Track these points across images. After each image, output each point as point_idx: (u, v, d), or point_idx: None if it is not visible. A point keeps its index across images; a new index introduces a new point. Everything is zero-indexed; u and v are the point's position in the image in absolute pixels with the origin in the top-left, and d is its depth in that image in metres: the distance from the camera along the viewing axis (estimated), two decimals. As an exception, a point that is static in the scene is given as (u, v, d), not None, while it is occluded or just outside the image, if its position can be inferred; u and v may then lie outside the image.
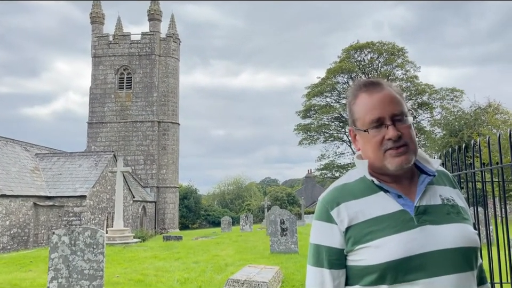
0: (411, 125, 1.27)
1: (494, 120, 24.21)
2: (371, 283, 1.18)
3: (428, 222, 1.20)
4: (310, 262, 1.30)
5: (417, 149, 1.27)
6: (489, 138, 3.72)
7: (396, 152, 1.22)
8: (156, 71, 38.10)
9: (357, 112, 1.30)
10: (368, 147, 1.28)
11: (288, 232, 12.14)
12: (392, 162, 1.23)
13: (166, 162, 37.45)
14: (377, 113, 1.25)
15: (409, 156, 1.23)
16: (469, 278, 1.18)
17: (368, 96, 1.28)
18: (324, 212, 1.27)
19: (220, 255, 12.17)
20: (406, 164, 1.23)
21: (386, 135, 1.23)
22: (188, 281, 7.97)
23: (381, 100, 1.26)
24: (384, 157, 1.24)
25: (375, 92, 1.28)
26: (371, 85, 1.30)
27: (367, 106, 1.27)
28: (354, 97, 1.32)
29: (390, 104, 1.26)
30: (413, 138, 1.26)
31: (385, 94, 1.27)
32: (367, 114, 1.26)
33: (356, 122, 1.31)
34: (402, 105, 1.28)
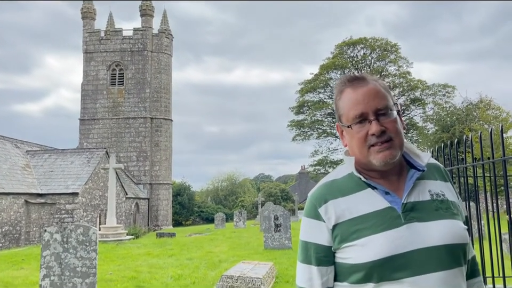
0: (396, 119, 1.25)
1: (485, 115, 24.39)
2: (358, 281, 1.18)
3: (415, 219, 1.19)
4: (299, 259, 1.30)
5: (403, 143, 1.26)
6: (481, 134, 3.73)
7: (380, 147, 1.21)
8: (148, 67, 37.88)
9: (342, 108, 1.29)
10: (353, 143, 1.26)
11: (282, 228, 12.16)
12: (376, 158, 1.21)
13: (159, 159, 37.33)
14: (360, 108, 1.24)
15: (393, 151, 1.21)
16: (457, 275, 1.17)
17: (352, 91, 1.27)
18: (312, 209, 1.27)
19: (214, 251, 12.17)
20: (390, 159, 1.21)
21: (370, 130, 1.22)
22: (182, 277, 7.96)
23: (365, 95, 1.25)
24: (369, 152, 1.22)
25: (359, 87, 1.27)
26: (355, 79, 1.29)
27: (351, 101, 1.26)
28: (339, 92, 1.31)
29: (374, 98, 1.24)
30: (398, 132, 1.24)
31: (369, 88, 1.26)
32: (351, 110, 1.25)
33: (341, 118, 1.31)
34: (387, 99, 1.26)
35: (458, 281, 1.18)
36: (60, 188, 24.21)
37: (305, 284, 1.26)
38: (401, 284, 1.14)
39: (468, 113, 25.97)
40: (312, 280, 1.25)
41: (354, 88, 1.28)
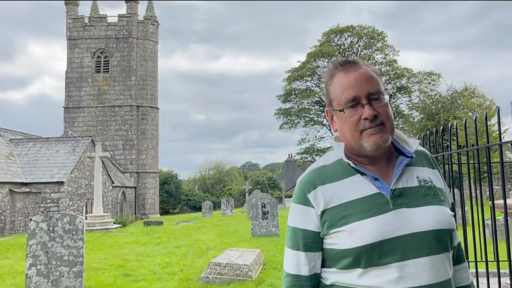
0: (388, 104, 1.25)
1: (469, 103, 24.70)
2: (346, 266, 1.19)
3: (404, 205, 1.19)
4: (287, 244, 1.30)
5: (394, 128, 1.26)
6: (466, 121, 3.78)
7: (372, 130, 1.21)
8: (133, 54, 37.35)
9: (333, 92, 1.28)
10: (345, 127, 1.26)
11: (269, 215, 12.23)
12: (368, 142, 1.21)
13: (145, 147, 37.06)
14: (353, 92, 1.22)
15: (385, 135, 1.22)
16: (443, 260, 1.19)
17: (344, 75, 1.26)
18: (301, 195, 1.26)
19: (201, 239, 12.20)
20: (382, 143, 1.21)
21: (363, 114, 1.21)
22: (169, 265, 7.97)
23: (357, 79, 1.23)
24: (361, 136, 1.22)
25: (351, 71, 1.25)
26: (347, 64, 1.28)
27: (342, 85, 1.25)
28: (330, 77, 1.30)
29: (366, 83, 1.23)
30: (389, 117, 1.24)
31: (361, 72, 1.25)
32: (343, 94, 1.24)
33: (332, 103, 1.29)
34: (379, 84, 1.25)
35: (444, 266, 1.19)
36: (45, 176, 23.91)
37: (293, 269, 1.26)
38: (389, 269, 1.15)
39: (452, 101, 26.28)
40: (300, 266, 1.25)
41: (346, 72, 1.26)
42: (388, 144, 1.25)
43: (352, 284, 1.18)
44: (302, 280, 1.25)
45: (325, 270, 1.26)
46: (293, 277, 1.26)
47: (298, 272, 1.25)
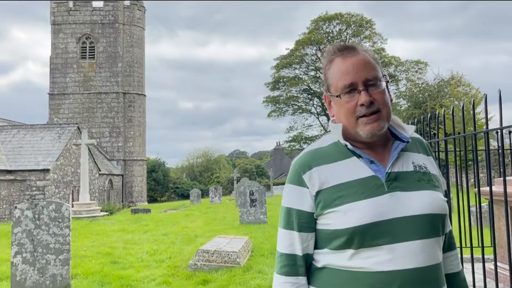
0: (385, 90, 1.25)
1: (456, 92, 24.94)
2: (339, 247, 1.19)
3: (398, 188, 1.20)
4: (280, 225, 1.30)
5: (390, 115, 1.26)
6: (453, 109, 3.80)
7: (368, 119, 1.21)
8: (120, 40, 36.77)
9: (331, 78, 1.28)
10: (341, 113, 1.26)
11: (257, 203, 12.28)
12: (364, 130, 1.22)
13: (132, 135, 36.74)
14: (350, 78, 1.22)
15: (381, 123, 1.22)
16: (434, 244, 1.20)
17: (342, 61, 1.25)
18: (296, 176, 1.27)
19: (190, 226, 12.21)
20: (378, 131, 1.22)
21: (359, 100, 1.21)
22: (157, 252, 7.97)
23: (354, 65, 1.23)
24: (357, 124, 1.22)
25: (349, 57, 1.25)
26: (345, 49, 1.27)
27: (340, 71, 1.25)
28: (328, 62, 1.29)
29: (364, 69, 1.23)
30: (386, 104, 1.24)
31: (359, 58, 1.25)
32: (340, 80, 1.24)
33: (329, 88, 1.29)
34: (376, 70, 1.25)
35: (435, 250, 1.21)
36: (30, 164, 23.59)
37: (286, 249, 1.27)
38: (380, 250, 1.16)
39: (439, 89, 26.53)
40: (294, 246, 1.26)
41: (344, 57, 1.26)
42: (384, 131, 1.25)
43: (344, 266, 1.19)
44: (296, 259, 1.26)
45: (317, 251, 1.26)
46: (286, 256, 1.26)
47: (292, 251, 1.26)
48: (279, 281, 1.27)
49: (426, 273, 1.17)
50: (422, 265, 1.16)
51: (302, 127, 41.47)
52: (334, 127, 1.29)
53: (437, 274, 1.20)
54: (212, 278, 5.83)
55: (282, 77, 40.71)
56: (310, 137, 39.94)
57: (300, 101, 41.53)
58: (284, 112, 41.79)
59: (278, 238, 1.32)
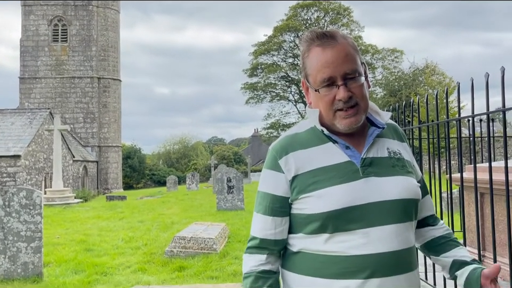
0: (363, 84, 1.24)
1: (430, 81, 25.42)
2: (313, 231, 1.20)
3: (373, 173, 1.22)
4: (255, 209, 1.31)
5: (368, 107, 1.27)
6: (427, 96, 3.86)
7: (346, 113, 1.21)
8: (94, 23, 35.75)
9: (309, 68, 1.26)
10: (319, 105, 1.26)
11: (235, 189, 12.29)
12: (341, 123, 1.22)
13: (107, 121, 36.05)
14: (329, 72, 1.21)
15: (359, 116, 1.23)
16: (407, 228, 1.22)
17: (321, 52, 1.23)
18: (273, 161, 1.27)
19: (166, 213, 12.14)
20: (355, 125, 1.23)
21: (337, 95, 1.21)
22: (133, 239, 7.90)
23: (334, 57, 1.21)
24: (334, 117, 1.23)
25: (329, 47, 1.22)
26: (325, 37, 1.24)
27: (319, 63, 1.23)
28: (307, 49, 1.27)
29: (343, 62, 1.21)
30: (364, 97, 1.24)
31: (338, 50, 1.22)
32: (319, 72, 1.22)
33: (308, 77, 1.28)
34: (356, 63, 1.24)
35: (408, 234, 1.23)
36: (0, 150, 22.89)
37: (259, 233, 1.28)
38: (354, 235, 1.17)
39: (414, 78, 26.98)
40: (266, 230, 1.26)
41: (324, 48, 1.23)
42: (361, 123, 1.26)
43: (319, 250, 1.20)
44: (269, 243, 1.26)
45: (292, 236, 1.27)
46: (259, 240, 1.28)
47: (265, 236, 1.27)
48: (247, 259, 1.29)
49: (400, 256, 1.19)
50: (396, 249, 1.18)
51: (279, 114, 41.60)
52: (311, 112, 1.29)
53: (410, 257, 1.22)
54: (188, 265, 5.82)
55: (260, 63, 40.55)
56: (288, 124, 40.09)
57: (278, 88, 41.55)
58: (261, 99, 41.76)
59: (252, 222, 1.32)
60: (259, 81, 41.22)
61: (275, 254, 1.28)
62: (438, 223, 1.40)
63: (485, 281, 1.20)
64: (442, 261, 1.33)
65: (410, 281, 1.21)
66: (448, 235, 1.36)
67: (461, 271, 1.26)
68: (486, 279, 1.20)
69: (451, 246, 1.33)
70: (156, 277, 5.40)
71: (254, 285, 1.24)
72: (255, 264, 1.26)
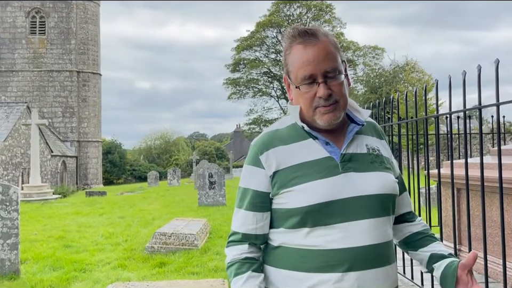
0: (343, 82, 1.27)
1: (410, 78, 25.79)
2: (294, 225, 1.22)
3: (352, 169, 1.24)
4: (237, 205, 1.33)
5: (347, 104, 1.29)
6: (406, 94, 3.92)
7: (325, 109, 1.24)
8: (73, 15, 35.03)
9: (291, 65, 1.28)
10: (300, 101, 1.28)
11: (216, 185, 12.27)
12: (321, 119, 1.25)
13: (87, 115, 35.45)
14: (309, 69, 1.23)
15: (338, 113, 1.25)
16: (385, 222, 1.25)
17: (302, 49, 1.25)
18: (254, 157, 1.29)
19: (147, 209, 12.04)
20: (334, 121, 1.25)
21: (318, 93, 1.23)
22: (113, 235, 7.82)
23: (315, 55, 1.23)
24: (314, 113, 1.25)
25: (310, 45, 1.24)
26: (307, 35, 1.26)
27: (300, 60, 1.25)
28: (289, 46, 1.29)
29: (324, 60, 1.23)
30: (343, 95, 1.26)
31: (319, 48, 1.24)
32: (300, 70, 1.24)
33: (289, 74, 1.30)
34: (336, 61, 1.26)
35: (386, 228, 1.26)
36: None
37: (240, 228, 1.29)
38: (333, 229, 1.20)
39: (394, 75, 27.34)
40: (247, 225, 1.28)
41: (305, 45, 1.25)
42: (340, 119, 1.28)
43: (299, 244, 1.22)
44: (250, 238, 1.29)
45: (273, 230, 1.29)
46: (240, 234, 1.30)
47: (246, 231, 1.29)
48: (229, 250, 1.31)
49: (377, 250, 1.22)
50: (373, 242, 1.21)
51: (262, 110, 41.63)
52: (292, 108, 1.31)
53: (387, 251, 1.25)
54: (169, 260, 5.79)
55: (242, 59, 40.44)
56: (270, 120, 40.17)
57: (260, 83, 41.55)
58: (244, 94, 41.70)
59: (233, 217, 1.34)
60: (241, 76, 41.14)
61: (257, 246, 1.30)
62: (415, 219, 1.42)
63: (461, 273, 1.23)
64: (420, 256, 1.36)
65: (388, 274, 1.24)
66: (425, 231, 1.40)
67: (438, 263, 1.29)
68: (463, 270, 1.23)
69: (428, 241, 1.36)
70: (136, 273, 5.36)
71: (238, 270, 1.26)
72: (237, 253, 1.29)
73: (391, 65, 28.69)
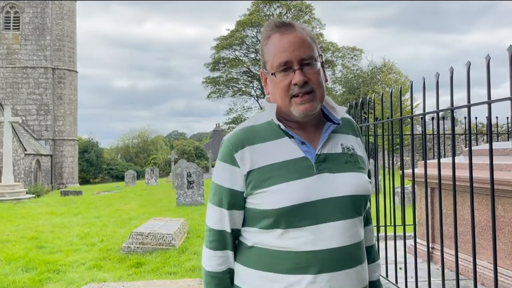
0: (320, 70, 1.26)
1: (387, 79, 26.20)
2: (267, 226, 1.21)
3: (326, 170, 1.23)
4: (211, 200, 1.32)
5: (323, 96, 1.27)
6: (382, 94, 3.98)
7: (302, 99, 1.22)
8: (48, 11, 34.25)
9: (267, 54, 1.26)
10: (276, 91, 1.26)
11: (195, 184, 12.20)
12: (297, 109, 1.22)
13: (62, 113, 34.72)
14: (285, 56, 1.21)
15: (314, 103, 1.23)
16: (356, 223, 1.25)
17: (279, 38, 1.24)
18: (228, 154, 1.26)
19: (124, 209, 11.88)
20: (310, 111, 1.23)
21: (293, 79, 1.21)
22: (88, 236, 7.68)
23: (291, 43, 1.22)
24: (290, 103, 1.23)
25: (286, 34, 1.24)
26: (283, 26, 1.26)
27: (276, 48, 1.24)
28: (266, 38, 1.28)
29: (300, 47, 1.22)
30: (320, 84, 1.25)
31: (295, 36, 1.24)
32: (276, 57, 1.23)
33: (266, 65, 1.28)
34: (313, 49, 1.25)
35: (357, 229, 1.26)
36: None
37: (216, 225, 1.29)
38: (306, 231, 1.19)
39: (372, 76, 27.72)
40: (223, 222, 1.28)
41: (281, 34, 1.24)
42: (317, 111, 1.27)
43: (272, 245, 1.21)
44: (224, 235, 1.28)
45: (246, 229, 1.28)
46: (215, 232, 1.29)
47: (221, 228, 1.28)
48: (208, 254, 1.30)
49: (349, 251, 1.22)
50: (346, 243, 1.21)
51: (241, 109, 41.55)
52: (268, 106, 1.29)
53: (358, 251, 1.26)
54: (145, 261, 5.73)
55: (222, 58, 40.30)
56: (249, 120, 40.13)
57: (240, 83, 41.48)
58: (223, 93, 41.55)
59: (207, 212, 1.33)
60: (221, 75, 40.99)
61: (232, 248, 1.30)
62: (368, 225, 1.43)
63: None
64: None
65: (359, 274, 1.25)
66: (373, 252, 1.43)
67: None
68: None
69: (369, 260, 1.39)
70: (111, 273, 5.27)
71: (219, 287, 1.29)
72: (218, 262, 1.29)
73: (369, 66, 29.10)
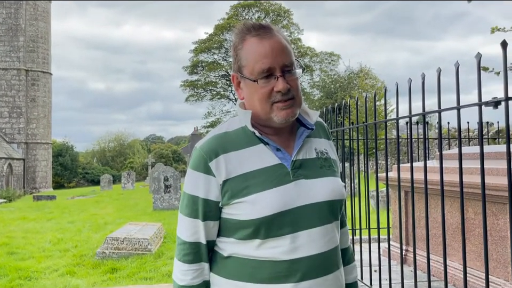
0: (298, 77, 1.24)
1: (364, 84, 26.61)
2: (245, 237, 1.18)
3: (302, 176, 1.21)
4: (183, 212, 1.25)
5: (302, 102, 1.26)
6: (357, 99, 4.04)
7: (283, 105, 1.19)
8: (22, 12, 33.46)
9: (245, 59, 1.21)
10: (255, 98, 1.21)
11: (172, 189, 12.10)
12: (278, 115, 1.20)
13: (36, 116, 33.90)
14: (268, 62, 1.17)
15: (295, 109, 1.21)
16: (333, 228, 1.25)
17: (258, 42, 1.20)
18: (202, 163, 1.21)
19: (99, 213, 11.68)
20: (291, 117, 1.21)
21: (276, 87, 1.18)
22: (62, 241, 7.52)
23: (273, 48, 1.19)
24: (271, 109, 1.20)
25: (266, 38, 1.20)
26: (261, 29, 1.22)
27: (257, 53, 1.19)
28: (241, 40, 1.23)
29: (281, 54, 1.20)
30: (299, 90, 1.24)
31: (276, 41, 1.21)
32: (257, 63, 1.18)
33: (242, 69, 1.22)
34: (292, 56, 1.24)
35: (334, 233, 1.26)
36: None
37: (190, 238, 1.23)
38: (284, 240, 1.17)
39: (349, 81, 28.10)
40: (198, 234, 1.22)
41: (261, 38, 1.20)
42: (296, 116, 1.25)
43: (251, 255, 1.18)
44: (200, 247, 1.23)
45: (222, 239, 1.24)
46: (190, 244, 1.23)
47: (197, 240, 1.22)
48: (182, 268, 1.23)
49: (328, 257, 1.21)
50: (323, 250, 1.20)
51: (220, 113, 41.43)
52: (242, 113, 1.25)
53: (335, 256, 1.26)
54: (121, 266, 5.65)
55: (200, 61, 40.17)
56: (228, 124, 40.06)
57: (219, 86, 41.39)
58: (202, 97, 41.38)
59: (179, 225, 1.26)
60: (199, 79, 40.82)
61: (207, 260, 1.25)
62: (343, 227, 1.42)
63: None
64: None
65: (337, 279, 1.25)
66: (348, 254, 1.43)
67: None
68: None
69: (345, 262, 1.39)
70: (85, 280, 5.17)
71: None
72: (194, 276, 1.22)
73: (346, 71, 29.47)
